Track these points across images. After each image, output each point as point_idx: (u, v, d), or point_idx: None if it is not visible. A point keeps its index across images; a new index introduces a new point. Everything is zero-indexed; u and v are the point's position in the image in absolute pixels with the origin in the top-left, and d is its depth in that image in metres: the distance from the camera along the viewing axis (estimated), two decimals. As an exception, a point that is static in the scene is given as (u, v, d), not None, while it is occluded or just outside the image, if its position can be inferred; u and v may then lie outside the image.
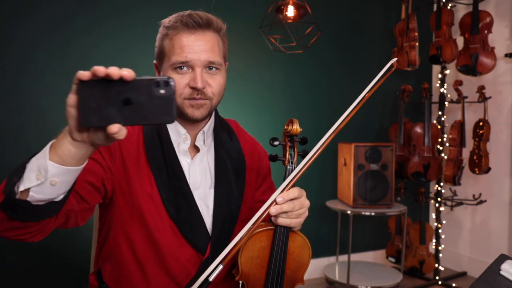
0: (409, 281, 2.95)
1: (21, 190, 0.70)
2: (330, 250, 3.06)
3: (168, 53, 1.01)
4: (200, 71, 0.99)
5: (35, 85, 2.23)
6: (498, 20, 2.88)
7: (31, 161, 0.71)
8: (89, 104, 0.61)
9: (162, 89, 0.61)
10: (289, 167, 0.99)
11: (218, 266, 0.86)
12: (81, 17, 2.32)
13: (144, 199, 1.01)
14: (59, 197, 0.75)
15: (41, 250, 2.23)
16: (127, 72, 0.60)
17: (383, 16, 3.26)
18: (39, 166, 0.69)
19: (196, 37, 1.00)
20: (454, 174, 2.90)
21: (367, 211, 2.61)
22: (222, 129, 1.16)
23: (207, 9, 1.10)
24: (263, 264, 0.97)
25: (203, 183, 1.08)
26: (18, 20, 2.19)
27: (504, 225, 2.90)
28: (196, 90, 0.99)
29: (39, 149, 0.72)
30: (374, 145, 2.69)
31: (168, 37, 1.02)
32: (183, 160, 1.07)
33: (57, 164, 0.68)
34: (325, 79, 3.02)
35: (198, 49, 0.99)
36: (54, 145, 0.69)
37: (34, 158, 0.71)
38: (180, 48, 0.99)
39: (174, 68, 1.00)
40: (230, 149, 1.13)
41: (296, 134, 1.01)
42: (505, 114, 2.92)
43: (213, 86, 1.02)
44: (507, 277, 0.72)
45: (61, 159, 0.68)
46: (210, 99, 1.02)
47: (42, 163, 0.69)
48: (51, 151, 0.69)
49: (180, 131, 1.07)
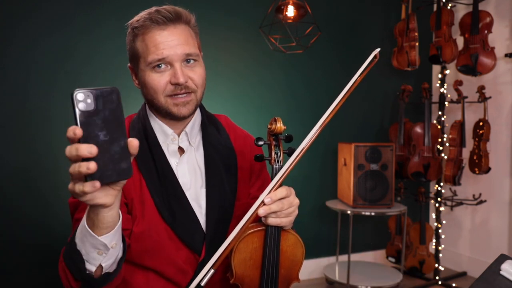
0: (409, 281, 2.95)
1: (94, 270, 0.78)
2: (330, 250, 3.05)
3: (143, 54, 0.99)
4: (179, 66, 0.98)
5: (35, 85, 2.23)
6: (498, 20, 2.88)
7: (77, 249, 0.77)
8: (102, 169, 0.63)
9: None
10: (276, 166, 0.97)
11: (209, 271, 0.85)
12: (81, 17, 2.32)
13: (136, 206, 0.99)
14: (121, 248, 0.83)
15: (41, 249, 2.23)
16: (86, 147, 0.60)
17: (383, 16, 3.25)
18: (94, 245, 0.75)
19: (169, 32, 0.98)
20: (454, 174, 2.90)
21: (367, 211, 2.61)
22: (210, 124, 1.13)
23: (174, 2, 1.08)
24: (256, 265, 0.97)
25: (194, 183, 1.06)
26: (18, 20, 2.19)
27: (504, 225, 2.90)
28: (179, 85, 0.98)
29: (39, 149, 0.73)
30: (374, 145, 2.69)
31: (139, 38, 1.00)
32: (173, 161, 1.05)
33: (107, 233, 0.74)
34: (325, 79, 3.02)
35: (173, 44, 0.97)
36: (91, 224, 0.73)
37: (80, 242, 0.76)
38: (155, 46, 0.97)
39: (152, 67, 0.98)
40: (219, 144, 1.11)
41: (280, 132, 1.00)
42: (505, 114, 2.92)
43: (194, 78, 1.01)
44: (507, 277, 0.72)
45: (107, 228, 0.73)
46: (194, 91, 1.01)
47: (94, 242, 0.74)
48: (94, 230, 0.73)
49: (167, 131, 1.06)
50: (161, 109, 1.03)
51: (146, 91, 1.03)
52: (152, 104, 1.04)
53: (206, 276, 0.85)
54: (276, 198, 0.90)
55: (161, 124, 1.06)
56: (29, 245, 2.21)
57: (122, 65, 2.47)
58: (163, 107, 1.01)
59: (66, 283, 0.84)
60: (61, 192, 2.27)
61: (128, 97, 2.45)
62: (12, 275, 2.19)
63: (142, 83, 1.03)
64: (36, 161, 2.22)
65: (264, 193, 0.90)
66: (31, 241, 2.22)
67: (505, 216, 2.90)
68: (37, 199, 2.24)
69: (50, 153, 2.23)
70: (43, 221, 2.25)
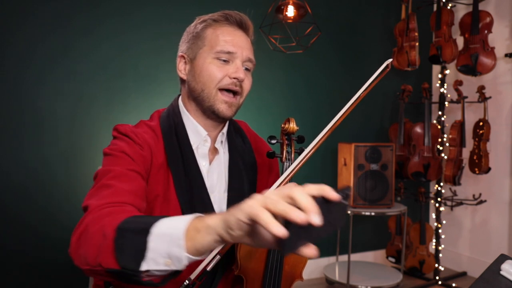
0: (409, 281, 2.95)
1: (144, 269, 0.64)
2: (330, 250, 3.06)
3: (211, 42, 1.02)
4: (241, 64, 1.02)
5: (35, 85, 2.23)
6: (498, 20, 2.88)
7: (151, 239, 0.63)
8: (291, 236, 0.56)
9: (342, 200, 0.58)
10: (286, 163, 1.02)
11: (216, 257, 0.85)
12: (81, 17, 2.32)
13: (160, 204, 0.99)
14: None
15: (41, 249, 2.23)
16: (314, 217, 0.53)
17: (383, 16, 3.25)
18: (170, 254, 0.63)
19: (240, 33, 1.05)
20: (454, 174, 2.90)
21: (367, 211, 2.61)
22: (236, 131, 1.16)
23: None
24: (261, 258, 0.98)
25: (218, 186, 1.07)
26: (18, 20, 2.19)
27: (504, 225, 2.90)
28: (237, 81, 1.01)
29: (38, 149, 0.72)
30: (374, 145, 2.69)
31: (211, 27, 1.04)
32: (201, 163, 1.05)
33: (194, 256, 0.63)
34: (325, 79, 3.02)
35: (242, 44, 1.03)
36: (192, 238, 0.62)
37: (159, 240, 0.63)
38: (225, 40, 1.01)
39: (217, 57, 1.01)
40: (243, 152, 1.13)
41: (293, 132, 1.05)
42: (505, 114, 2.92)
43: (246, 83, 1.05)
44: (507, 277, 0.72)
45: (199, 252, 0.63)
46: (241, 95, 1.05)
47: (176, 252, 0.62)
48: (188, 243, 0.62)
49: (201, 132, 1.06)
50: (206, 102, 1.03)
51: (199, 78, 1.03)
52: (198, 93, 1.04)
53: (212, 261, 0.86)
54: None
55: (195, 124, 1.06)
56: (29, 244, 2.21)
57: (122, 65, 2.48)
58: (210, 99, 1.02)
59: (93, 258, 0.69)
60: (61, 190, 2.27)
61: (129, 97, 2.46)
62: (12, 275, 2.19)
63: (198, 70, 1.03)
64: (35, 161, 2.22)
65: (273, 187, 0.92)
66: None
67: (505, 216, 2.90)
68: (37, 199, 2.24)
69: (50, 153, 2.23)
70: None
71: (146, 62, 2.48)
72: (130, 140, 0.97)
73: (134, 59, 2.43)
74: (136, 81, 2.45)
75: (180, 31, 1.13)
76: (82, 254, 0.71)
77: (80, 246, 0.72)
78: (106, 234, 0.68)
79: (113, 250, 0.66)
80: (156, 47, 2.47)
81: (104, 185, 0.86)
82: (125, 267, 0.64)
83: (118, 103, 2.41)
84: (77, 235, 0.73)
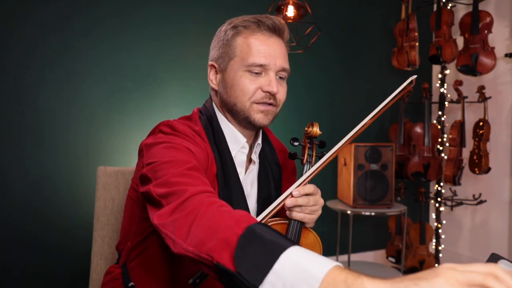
0: (409, 281, 2.94)
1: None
2: (330, 250, 3.05)
3: (242, 53, 0.98)
4: (274, 76, 0.98)
5: (35, 85, 2.23)
6: (498, 20, 2.88)
7: (281, 262, 0.55)
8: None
9: None
10: (306, 166, 1.02)
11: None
12: (81, 17, 2.32)
13: None
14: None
15: (40, 249, 2.23)
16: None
17: (383, 16, 3.25)
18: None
19: (273, 41, 0.99)
20: (454, 174, 2.90)
21: (367, 211, 2.61)
22: (265, 139, 1.14)
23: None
24: None
25: (252, 196, 1.08)
26: (18, 20, 2.19)
27: (504, 225, 2.90)
28: (270, 95, 0.98)
29: (38, 149, 0.71)
30: (374, 145, 2.69)
31: (241, 36, 0.99)
32: (238, 169, 1.03)
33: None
34: (325, 79, 3.02)
35: (275, 54, 0.98)
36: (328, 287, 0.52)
37: (293, 271, 0.53)
38: (258, 51, 0.97)
39: (249, 70, 0.97)
40: (272, 163, 1.12)
41: (315, 136, 1.05)
42: (505, 114, 2.92)
43: (281, 93, 1.01)
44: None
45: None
46: (277, 106, 1.02)
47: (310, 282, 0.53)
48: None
49: (240, 139, 1.04)
50: (241, 114, 1.00)
51: (231, 92, 0.99)
52: (231, 106, 1.01)
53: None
54: (304, 192, 0.92)
55: (234, 131, 1.03)
56: (29, 244, 2.21)
57: (122, 65, 2.48)
58: (245, 112, 0.99)
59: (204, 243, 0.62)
60: (61, 190, 2.27)
61: (129, 97, 2.46)
62: (12, 274, 2.19)
63: (229, 83, 0.99)
64: (35, 161, 2.22)
65: (292, 187, 0.92)
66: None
67: (505, 216, 2.90)
68: (37, 199, 2.24)
69: (50, 153, 2.23)
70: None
71: (146, 62, 2.48)
72: (194, 142, 0.93)
73: (134, 59, 2.43)
74: (136, 81, 2.45)
75: (180, 31, 1.13)
76: (197, 234, 0.64)
77: (192, 226, 0.66)
78: (230, 228, 0.62)
79: (233, 249, 0.59)
80: (156, 47, 2.47)
81: (185, 174, 0.79)
82: (245, 276, 0.56)
83: (118, 103, 2.41)
84: (186, 212, 0.68)
